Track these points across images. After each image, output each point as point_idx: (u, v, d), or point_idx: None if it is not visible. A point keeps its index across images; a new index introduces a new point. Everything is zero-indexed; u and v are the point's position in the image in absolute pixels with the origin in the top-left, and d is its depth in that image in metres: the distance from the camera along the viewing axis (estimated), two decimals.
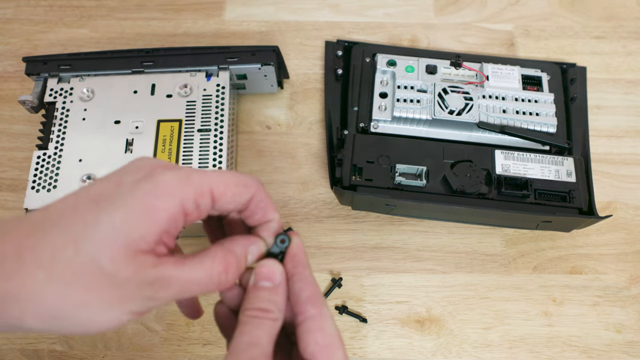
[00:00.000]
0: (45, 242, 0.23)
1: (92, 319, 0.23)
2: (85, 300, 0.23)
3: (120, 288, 0.23)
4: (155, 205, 0.24)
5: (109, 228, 0.23)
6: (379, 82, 0.56)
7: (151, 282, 0.23)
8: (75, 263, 0.22)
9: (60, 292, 0.22)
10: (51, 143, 0.51)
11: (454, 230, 0.54)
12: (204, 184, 0.25)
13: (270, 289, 0.27)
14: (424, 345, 0.49)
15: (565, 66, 0.61)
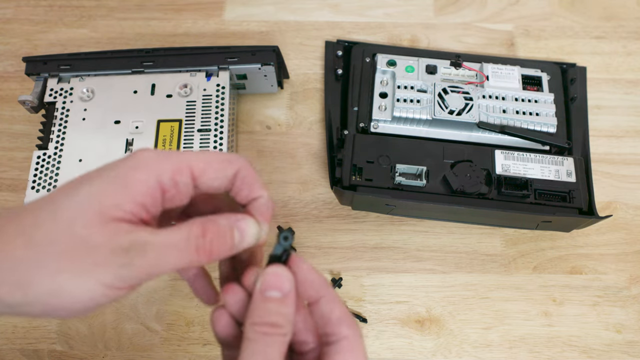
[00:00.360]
0: (28, 215, 0.24)
1: (64, 288, 0.23)
2: (60, 266, 0.22)
3: (94, 253, 0.23)
4: (132, 176, 0.24)
5: (86, 196, 0.23)
6: (379, 82, 0.56)
7: (126, 248, 0.23)
8: (52, 230, 0.23)
9: (36, 258, 0.23)
10: (51, 143, 0.51)
11: (454, 230, 0.54)
12: (182, 161, 0.25)
13: (280, 300, 0.25)
14: (424, 345, 0.49)
15: (565, 66, 0.61)
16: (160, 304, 0.51)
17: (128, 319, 0.50)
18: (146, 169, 0.24)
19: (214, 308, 0.27)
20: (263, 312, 0.25)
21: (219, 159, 0.26)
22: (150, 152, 0.25)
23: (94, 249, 0.23)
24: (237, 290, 0.26)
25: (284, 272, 0.26)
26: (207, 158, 0.26)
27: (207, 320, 0.50)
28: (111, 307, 0.50)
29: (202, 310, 0.50)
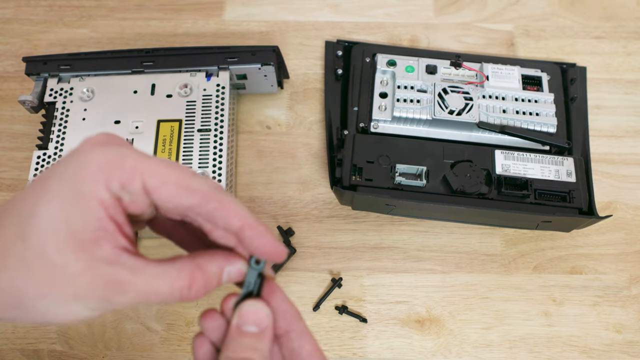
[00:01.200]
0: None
1: (50, 311, 0.22)
2: (41, 292, 0.22)
3: (73, 284, 0.22)
4: (82, 192, 0.22)
5: (49, 219, 0.22)
6: (379, 82, 0.56)
7: (105, 284, 0.22)
8: (25, 256, 0.22)
9: (15, 284, 0.22)
10: (51, 143, 0.51)
11: (454, 230, 0.54)
12: (135, 171, 0.23)
13: (256, 335, 0.24)
14: (424, 345, 0.49)
15: (565, 66, 0.61)
16: (160, 304, 0.51)
17: (128, 319, 0.50)
18: (92, 180, 0.22)
19: (196, 335, 0.26)
20: (238, 347, 0.24)
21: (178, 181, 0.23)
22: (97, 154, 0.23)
23: (73, 279, 0.22)
24: (215, 317, 0.25)
25: (263, 307, 0.25)
26: (165, 175, 0.23)
27: None
28: None
29: (202, 310, 0.50)
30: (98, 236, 0.22)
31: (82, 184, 0.22)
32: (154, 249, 0.53)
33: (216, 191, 0.24)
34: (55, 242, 0.22)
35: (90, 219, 0.22)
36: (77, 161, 0.23)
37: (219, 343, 0.25)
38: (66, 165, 0.23)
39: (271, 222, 0.54)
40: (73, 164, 0.23)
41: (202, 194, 0.24)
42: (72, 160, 0.23)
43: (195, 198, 0.24)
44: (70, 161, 0.23)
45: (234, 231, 0.24)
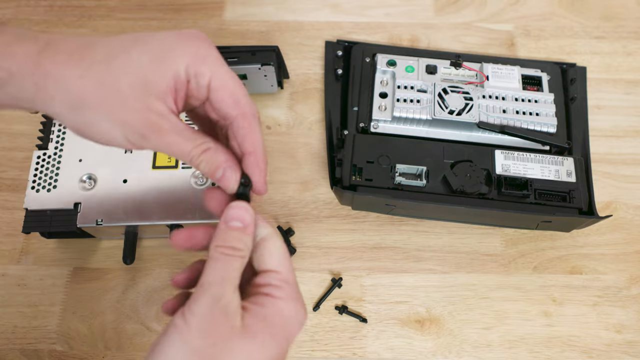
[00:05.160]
0: (90, 52, 0.28)
1: (97, 125, 0.29)
2: (98, 106, 0.28)
3: (127, 113, 0.28)
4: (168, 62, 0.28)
5: (137, 63, 0.28)
6: (379, 82, 0.56)
7: (150, 124, 0.28)
8: (103, 76, 0.28)
9: (86, 90, 0.28)
10: (51, 143, 0.51)
11: (454, 230, 0.54)
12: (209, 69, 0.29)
13: (241, 229, 0.30)
14: (424, 345, 0.49)
15: (565, 66, 0.61)
16: (160, 304, 0.51)
17: (128, 319, 0.50)
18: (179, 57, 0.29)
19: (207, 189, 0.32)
20: (227, 237, 0.29)
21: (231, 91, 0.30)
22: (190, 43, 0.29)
23: (129, 110, 0.28)
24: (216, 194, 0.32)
25: (247, 207, 0.30)
26: (225, 83, 0.30)
27: None
28: (111, 307, 0.50)
29: None
30: (160, 95, 0.28)
31: (171, 57, 0.29)
32: (153, 249, 0.53)
33: (252, 116, 0.31)
34: (131, 80, 0.28)
35: (163, 82, 0.28)
36: (176, 40, 0.29)
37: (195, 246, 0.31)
38: (167, 38, 0.29)
39: (271, 222, 0.54)
40: (172, 40, 0.29)
41: (242, 112, 0.30)
42: (172, 38, 0.29)
43: (236, 111, 0.30)
44: (171, 37, 0.29)
45: (241, 150, 0.31)
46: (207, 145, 0.30)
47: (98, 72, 0.28)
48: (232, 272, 0.28)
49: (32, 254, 0.53)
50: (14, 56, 0.28)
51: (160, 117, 0.28)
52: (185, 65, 0.29)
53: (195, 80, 0.29)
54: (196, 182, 0.49)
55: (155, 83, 0.28)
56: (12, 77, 0.28)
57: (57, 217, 0.48)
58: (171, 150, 0.29)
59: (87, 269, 0.52)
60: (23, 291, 0.51)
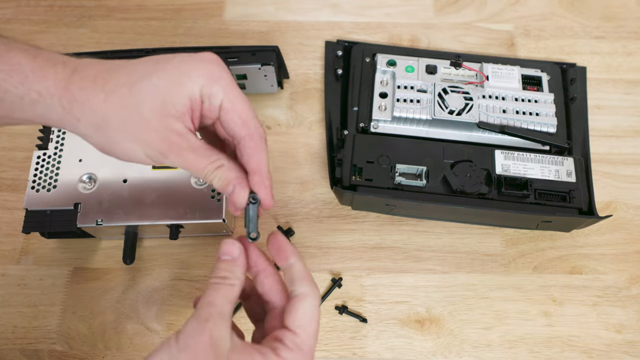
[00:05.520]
0: (113, 77, 0.31)
1: (120, 144, 0.31)
2: (121, 128, 0.31)
3: (147, 133, 0.31)
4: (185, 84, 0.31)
5: (155, 87, 0.30)
6: (379, 82, 0.56)
7: (170, 143, 0.31)
8: (125, 100, 0.30)
9: (109, 113, 0.30)
10: (51, 143, 0.51)
11: (454, 230, 0.54)
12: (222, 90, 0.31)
13: (230, 262, 0.33)
14: (424, 345, 0.49)
15: (565, 66, 0.61)
16: (160, 304, 0.51)
17: (128, 319, 0.50)
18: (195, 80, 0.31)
19: None
20: (217, 269, 0.32)
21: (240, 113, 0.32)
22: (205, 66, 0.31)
23: (149, 130, 0.30)
24: None
25: (235, 243, 0.33)
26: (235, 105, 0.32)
27: None
28: (111, 307, 0.50)
29: None
30: (178, 115, 0.31)
31: (188, 79, 0.31)
32: (153, 249, 0.53)
33: (259, 137, 0.33)
34: (150, 103, 0.30)
35: (180, 103, 0.31)
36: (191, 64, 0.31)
37: None
38: (183, 62, 0.31)
39: (271, 222, 0.54)
40: (188, 64, 0.31)
41: (249, 133, 0.33)
42: (188, 62, 0.31)
43: (244, 132, 0.32)
44: (187, 62, 0.31)
45: (247, 169, 0.33)
46: (220, 162, 0.32)
47: (120, 97, 0.30)
48: (218, 297, 0.31)
49: (32, 254, 0.53)
50: (45, 80, 0.30)
51: (178, 136, 0.31)
52: (199, 86, 0.31)
53: (209, 100, 0.31)
54: (196, 182, 0.49)
55: (173, 105, 0.30)
56: (41, 98, 0.31)
57: (57, 217, 0.48)
58: (187, 166, 0.32)
59: (87, 269, 0.52)
60: (23, 291, 0.51)
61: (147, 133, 0.31)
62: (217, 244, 0.53)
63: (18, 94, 0.31)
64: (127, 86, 0.31)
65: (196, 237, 0.53)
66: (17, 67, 0.31)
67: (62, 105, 0.31)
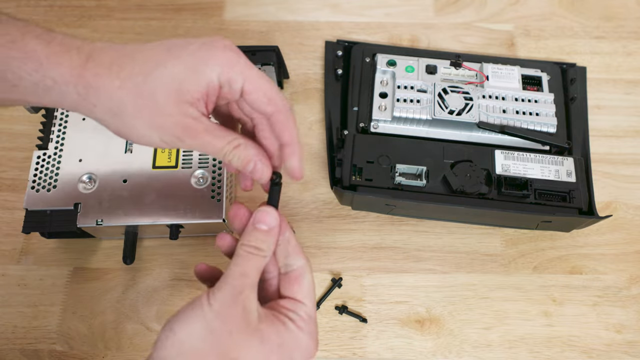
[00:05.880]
0: (128, 64, 0.31)
1: (136, 128, 0.31)
2: (137, 114, 0.31)
3: (163, 118, 0.31)
4: (201, 70, 0.31)
5: (171, 74, 0.30)
6: (379, 82, 0.56)
7: (185, 128, 0.31)
8: (141, 87, 0.30)
9: (124, 100, 0.30)
10: (51, 143, 0.51)
11: (454, 230, 0.54)
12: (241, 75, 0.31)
13: (265, 232, 0.33)
14: (424, 345, 0.49)
15: (565, 66, 0.61)
16: (160, 304, 0.51)
17: (128, 319, 0.50)
18: (212, 66, 0.31)
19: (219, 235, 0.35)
20: (252, 237, 0.32)
21: (265, 91, 0.32)
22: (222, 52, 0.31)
23: (165, 115, 0.31)
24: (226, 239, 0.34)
25: (273, 212, 0.33)
26: (258, 85, 0.32)
27: None
28: (111, 307, 0.50)
29: None
30: (193, 101, 0.31)
31: (204, 66, 0.31)
32: (153, 249, 0.53)
33: (287, 110, 0.34)
34: (166, 89, 0.30)
35: (196, 90, 0.31)
36: (207, 51, 0.31)
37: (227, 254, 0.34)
38: (199, 47, 0.31)
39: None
40: (204, 49, 0.31)
41: (277, 107, 0.33)
42: (203, 49, 0.31)
43: (271, 108, 0.33)
44: (203, 47, 0.31)
45: (280, 142, 0.34)
46: (237, 142, 0.32)
47: (136, 84, 0.30)
48: (252, 269, 0.31)
49: (32, 254, 0.53)
50: (60, 67, 0.30)
51: (193, 121, 0.31)
52: (217, 74, 0.31)
53: (229, 85, 0.32)
54: (196, 182, 0.49)
55: (189, 92, 0.31)
56: (56, 85, 0.31)
57: (57, 217, 0.48)
58: (205, 149, 0.32)
59: (87, 269, 0.52)
60: (23, 291, 0.51)
61: (162, 119, 0.31)
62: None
63: (32, 81, 0.31)
64: (143, 74, 0.31)
65: (196, 237, 0.53)
66: (31, 54, 0.31)
67: (78, 91, 0.31)
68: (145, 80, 0.31)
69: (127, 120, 0.31)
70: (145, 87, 0.31)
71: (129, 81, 0.31)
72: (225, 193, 0.49)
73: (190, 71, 0.31)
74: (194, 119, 0.31)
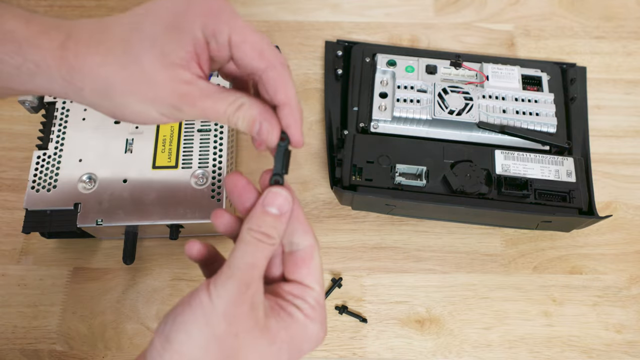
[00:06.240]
0: (106, 36, 0.28)
1: (130, 107, 0.28)
2: (127, 89, 0.28)
3: (155, 89, 0.27)
4: (182, 26, 0.27)
5: (152, 37, 0.27)
6: (379, 82, 0.56)
7: (180, 95, 0.28)
8: (124, 58, 0.27)
9: (110, 76, 0.28)
10: (51, 143, 0.51)
11: (454, 230, 0.54)
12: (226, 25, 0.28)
13: (276, 216, 0.29)
14: (424, 345, 0.49)
15: (565, 66, 0.61)
16: (160, 304, 0.51)
17: (128, 319, 0.50)
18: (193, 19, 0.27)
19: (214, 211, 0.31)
20: (261, 222, 0.28)
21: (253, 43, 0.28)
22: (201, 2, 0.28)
23: (156, 85, 0.27)
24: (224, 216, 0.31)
25: (285, 194, 0.29)
26: (245, 36, 0.28)
27: None
28: (111, 307, 0.50)
29: None
30: (183, 63, 0.27)
31: (184, 21, 0.27)
32: (152, 248, 0.53)
33: (281, 65, 0.29)
34: (150, 55, 0.27)
35: (181, 48, 0.27)
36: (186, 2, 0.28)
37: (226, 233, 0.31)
38: (176, 2, 0.28)
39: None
40: (182, 3, 0.28)
41: (269, 62, 0.28)
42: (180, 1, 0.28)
43: (262, 63, 0.28)
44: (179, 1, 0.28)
45: (275, 103, 0.29)
46: (240, 102, 0.29)
47: (117, 56, 0.27)
48: (261, 259, 0.28)
49: (32, 254, 0.53)
50: (40, 49, 0.28)
51: (188, 85, 0.28)
52: (200, 26, 0.27)
53: (215, 39, 0.28)
54: (196, 182, 0.49)
55: (174, 52, 0.27)
56: (39, 70, 0.28)
57: (57, 217, 0.48)
58: (207, 114, 0.29)
59: (87, 269, 0.52)
60: (23, 291, 0.51)
61: (154, 90, 0.28)
62: (217, 244, 0.53)
63: (14, 64, 0.29)
64: (122, 43, 0.28)
65: (196, 237, 0.53)
66: (9, 34, 0.28)
67: (62, 76, 0.28)
68: (125, 49, 0.27)
69: (119, 99, 0.28)
70: (127, 58, 0.27)
71: (110, 55, 0.28)
72: (225, 193, 0.49)
73: (170, 29, 0.27)
74: (188, 83, 0.28)
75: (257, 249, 0.28)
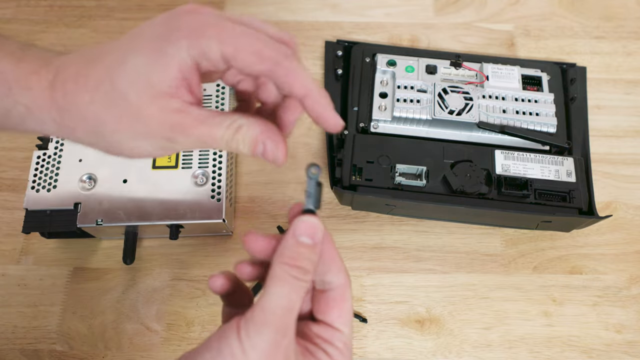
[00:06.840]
0: (92, 73, 0.27)
1: (123, 144, 0.27)
2: (117, 127, 0.27)
3: (145, 123, 0.26)
4: (166, 52, 0.25)
5: (135, 69, 0.26)
6: (379, 82, 0.56)
7: (172, 126, 0.26)
8: (111, 95, 0.26)
9: (99, 116, 0.27)
10: (51, 143, 0.51)
11: (454, 230, 0.54)
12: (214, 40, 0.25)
13: (310, 247, 0.26)
14: (424, 345, 0.49)
15: (565, 66, 0.61)
16: (160, 304, 0.51)
17: (128, 319, 0.50)
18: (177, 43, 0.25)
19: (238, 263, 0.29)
20: (295, 254, 0.26)
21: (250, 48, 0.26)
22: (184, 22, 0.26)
23: (145, 119, 0.26)
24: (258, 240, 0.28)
25: (317, 223, 0.27)
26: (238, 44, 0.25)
27: (207, 321, 0.50)
28: (111, 307, 0.50)
29: (202, 310, 0.50)
30: (171, 91, 0.26)
31: (168, 46, 0.25)
32: (153, 249, 0.53)
33: (286, 59, 0.26)
34: (136, 88, 0.26)
35: (168, 76, 0.26)
36: (167, 25, 0.26)
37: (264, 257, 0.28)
38: (157, 27, 0.26)
39: (271, 222, 0.54)
40: (163, 27, 0.26)
41: (272, 61, 0.26)
42: (163, 23, 0.26)
43: (266, 65, 0.26)
44: (161, 23, 0.26)
45: (298, 98, 0.27)
46: (238, 123, 0.26)
47: (105, 93, 0.26)
48: (297, 301, 0.25)
49: (32, 254, 0.53)
50: (30, 90, 0.27)
51: (178, 114, 0.26)
52: (186, 48, 0.25)
53: (205, 58, 0.26)
54: (196, 182, 0.49)
55: (161, 81, 0.25)
56: (30, 112, 0.28)
57: (57, 217, 0.48)
58: (204, 142, 0.27)
59: (87, 269, 0.52)
60: (23, 291, 0.51)
61: (144, 124, 0.26)
62: (217, 244, 0.53)
63: (5, 107, 0.28)
64: (108, 79, 0.26)
65: (196, 237, 0.53)
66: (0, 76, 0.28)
67: (53, 118, 0.27)
68: (111, 85, 0.26)
69: (111, 137, 0.27)
70: (115, 94, 0.26)
71: (98, 92, 0.26)
72: (225, 193, 0.49)
73: (154, 56, 0.25)
74: (179, 111, 0.26)
75: (292, 289, 0.25)
